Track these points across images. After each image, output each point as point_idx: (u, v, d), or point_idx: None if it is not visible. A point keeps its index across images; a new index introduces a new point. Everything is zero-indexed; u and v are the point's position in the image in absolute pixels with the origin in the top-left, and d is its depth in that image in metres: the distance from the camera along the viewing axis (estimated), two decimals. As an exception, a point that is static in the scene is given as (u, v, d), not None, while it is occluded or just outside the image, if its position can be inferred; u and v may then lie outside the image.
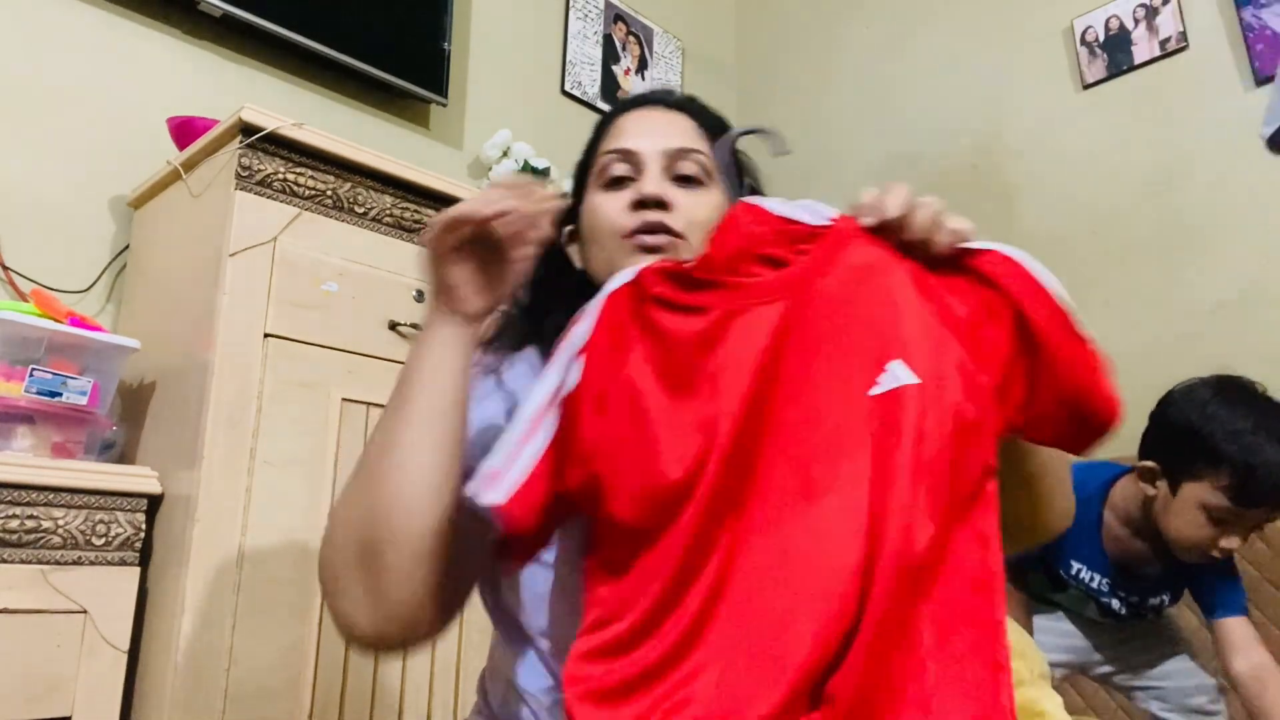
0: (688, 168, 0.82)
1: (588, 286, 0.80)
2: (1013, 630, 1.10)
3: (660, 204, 0.78)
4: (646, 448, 0.59)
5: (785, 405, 0.59)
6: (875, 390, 0.58)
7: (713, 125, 0.87)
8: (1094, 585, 1.44)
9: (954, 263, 0.63)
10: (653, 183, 0.79)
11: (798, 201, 0.68)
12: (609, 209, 0.80)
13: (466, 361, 0.69)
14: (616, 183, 0.81)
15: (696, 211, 0.80)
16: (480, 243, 0.68)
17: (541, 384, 0.64)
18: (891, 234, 0.65)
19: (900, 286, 0.61)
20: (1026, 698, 1.05)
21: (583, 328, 0.65)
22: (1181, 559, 1.35)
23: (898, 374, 0.57)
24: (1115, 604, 1.46)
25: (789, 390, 0.59)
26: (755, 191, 0.91)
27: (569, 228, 0.88)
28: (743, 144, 0.87)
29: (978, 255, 0.63)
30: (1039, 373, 0.60)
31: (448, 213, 0.66)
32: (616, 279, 0.66)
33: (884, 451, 0.55)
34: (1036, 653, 1.15)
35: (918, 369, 0.57)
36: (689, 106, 0.88)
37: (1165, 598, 1.47)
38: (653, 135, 0.83)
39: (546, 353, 0.71)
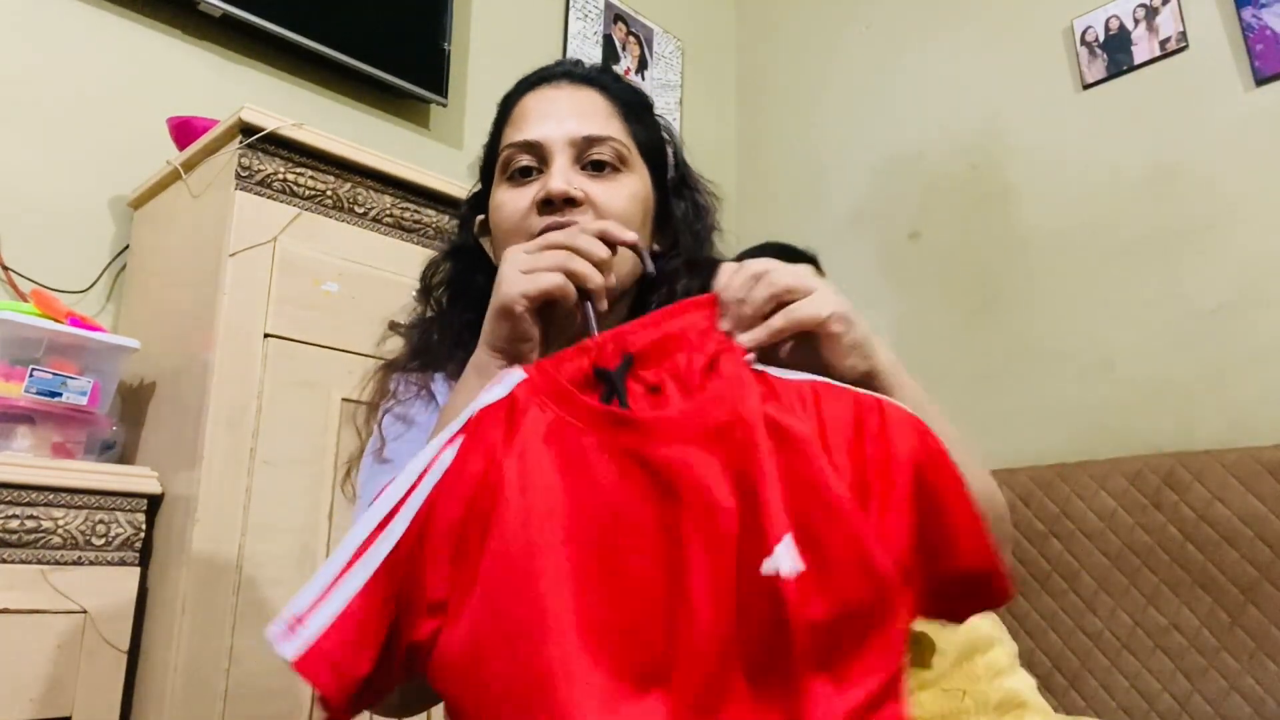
0: (600, 154, 0.75)
1: None
2: (986, 616, 1.10)
3: (569, 201, 0.72)
4: (525, 619, 0.50)
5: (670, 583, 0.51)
6: (765, 569, 0.50)
7: (626, 97, 0.81)
8: None
9: (845, 412, 0.55)
10: (560, 177, 0.73)
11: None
12: (515, 208, 0.74)
13: None
14: (522, 174, 0.75)
15: (611, 204, 0.74)
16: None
17: (378, 502, 0.56)
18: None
19: (790, 446, 0.53)
20: (1008, 688, 1.05)
21: (440, 439, 0.57)
22: None
23: (781, 558, 0.50)
24: None
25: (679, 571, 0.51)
26: (684, 179, 0.85)
27: (480, 217, 0.83)
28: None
29: (869, 408, 0.56)
30: (936, 547, 0.53)
31: (523, 289, 0.62)
32: (491, 393, 0.58)
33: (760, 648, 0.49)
34: (1007, 636, 1.15)
35: (805, 551, 0.50)
36: (598, 79, 0.81)
37: None
38: (559, 119, 0.76)
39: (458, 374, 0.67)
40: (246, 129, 1.28)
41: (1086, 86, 2.11)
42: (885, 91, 2.51)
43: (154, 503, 1.22)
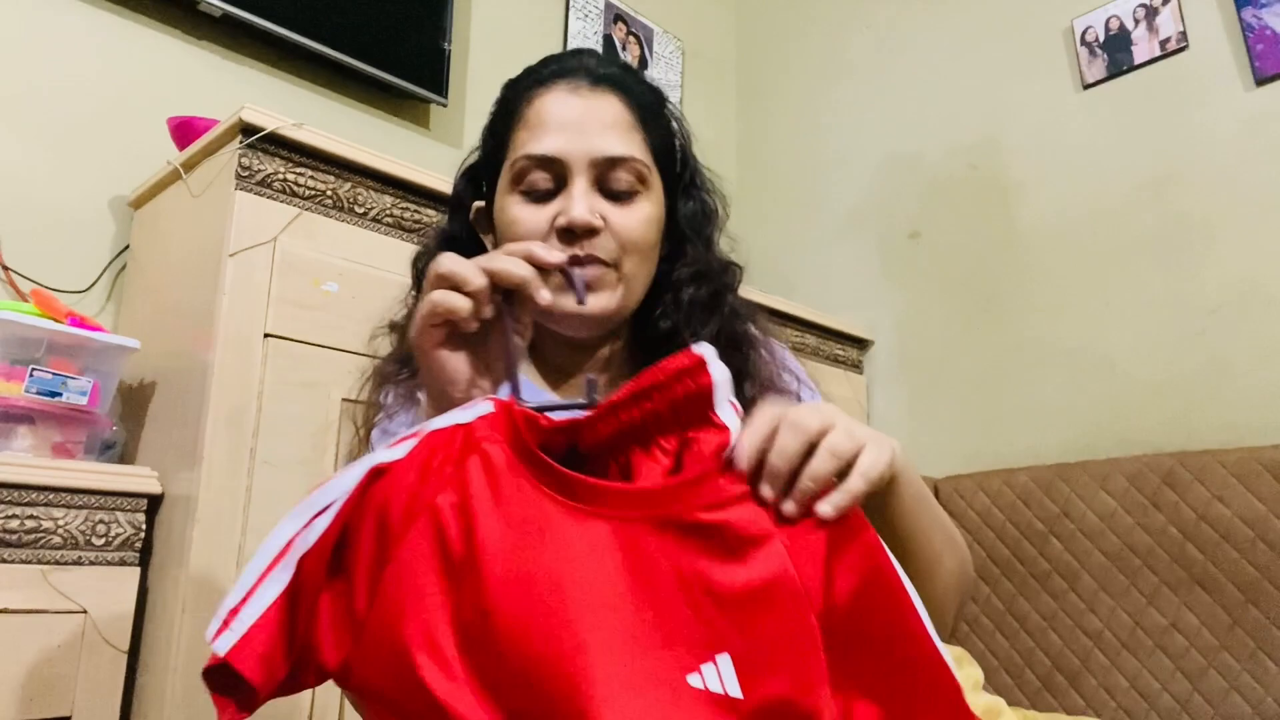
0: (621, 178, 0.73)
1: None
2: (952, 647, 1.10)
3: (590, 230, 0.70)
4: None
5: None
6: (693, 680, 0.47)
7: (645, 100, 0.78)
8: None
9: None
10: (582, 205, 0.70)
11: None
12: (530, 227, 0.71)
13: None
14: (539, 192, 0.72)
15: (630, 231, 0.72)
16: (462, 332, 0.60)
17: (306, 501, 0.54)
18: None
19: (763, 563, 0.49)
20: (985, 702, 1.05)
21: (394, 451, 0.53)
22: None
23: (719, 675, 0.47)
24: None
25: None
26: (692, 179, 0.82)
27: (479, 204, 0.80)
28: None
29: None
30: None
31: (422, 311, 0.59)
32: (450, 416, 0.55)
33: None
34: (973, 663, 1.15)
35: (744, 679, 0.46)
36: (619, 81, 0.77)
37: None
38: (580, 132, 0.72)
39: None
40: (246, 129, 1.28)
41: (1086, 86, 2.11)
42: (885, 91, 2.51)
43: (154, 503, 1.21)
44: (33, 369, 1.17)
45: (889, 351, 2.34)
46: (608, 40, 2.58)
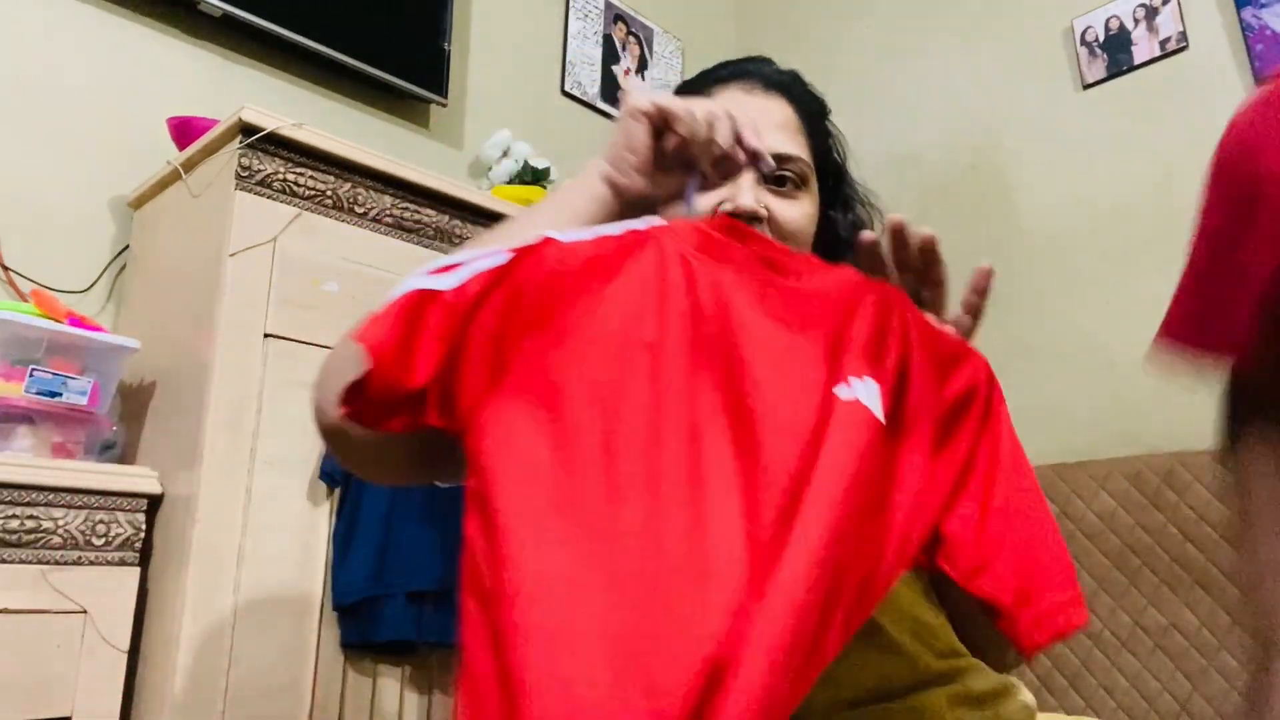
0: (786, 172, 0.76)
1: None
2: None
3: (754, 217, 0.73)
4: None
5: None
6: (840, 391, 0.55)
7: (811, 109, 0.82)
8: None
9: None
10: (750, 194, 0.73)
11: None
12: (695, 204, 0.74)
13: (594, 217, 0.65)
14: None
15: (790, 222, 0.75)
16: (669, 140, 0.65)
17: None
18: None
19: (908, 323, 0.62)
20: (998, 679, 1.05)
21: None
22: None
23: (860, 389, 0.55)
24: None
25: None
26: (849, 192, 0.88)
27: None
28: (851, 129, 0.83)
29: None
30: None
31: (660, 98, 0.65)
32: (626, 224, 0.62)
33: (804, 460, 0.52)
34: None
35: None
36: (790, 88, 0.81)
37: None
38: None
39: None
40: (246, 129, 1.28)
41: (1086, 86, 2.11)
42: (885, 91, 2.51)
43: (154, 503, 1.21)
44: (33, 369, 1.17)
45: (889, 351, 2.33)
46: (608, 40, 2.57)
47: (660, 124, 0.65)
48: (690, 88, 0.83)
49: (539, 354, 0.53)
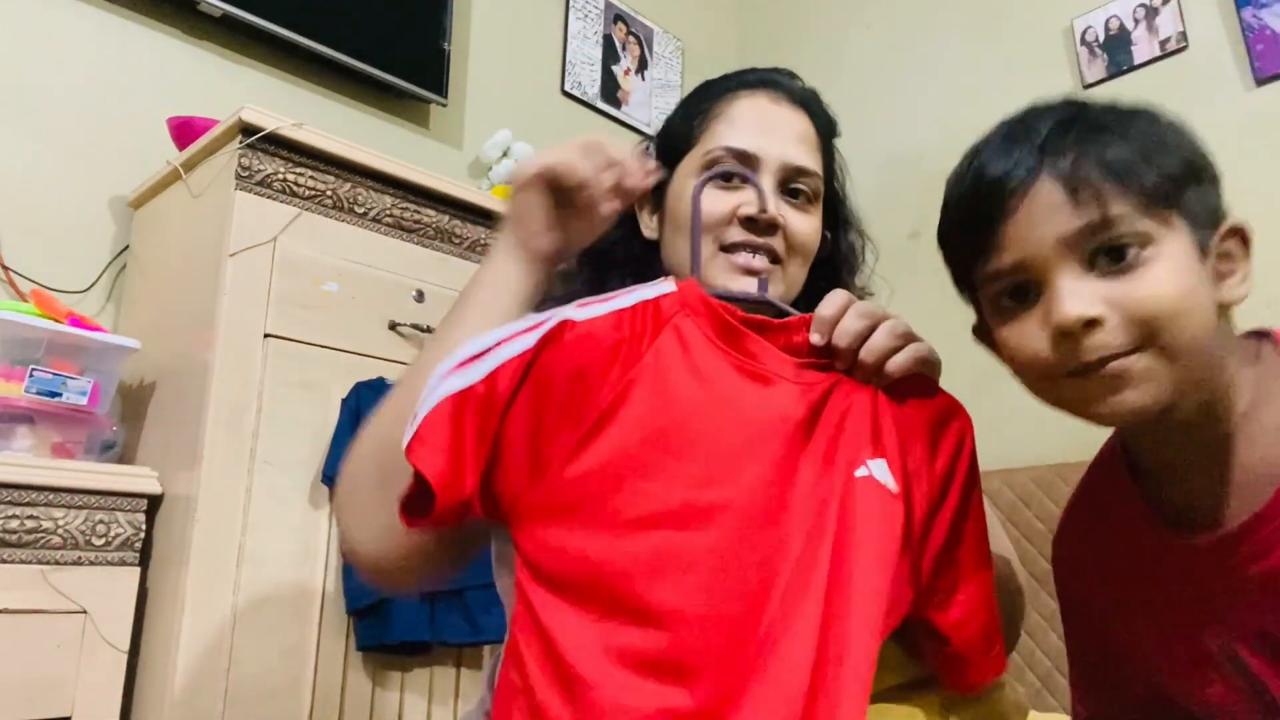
0: (803, 186, 0.78)
1: (654, 258, 0.78)
2: None
3: (772, 224, 0.74)
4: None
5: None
6: (859, 471, 0.59)
7: (827, 129, 0.84)
8: None
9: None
10: (772, 200, 0.75)
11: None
12: (713, 210, 0.75)
13: (520, 298, 0.66)
14: (725, 179, 0.77)
15: (802, 234, 0.77)
16: (559, 192, 0.68)
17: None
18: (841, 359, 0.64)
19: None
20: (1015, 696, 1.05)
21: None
22: None
23: (876, 470, 0.59)
24: None
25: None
26: (848, 215, 0.90)
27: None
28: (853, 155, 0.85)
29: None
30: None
31: (540, 160, 0.67)
32: (635, 294, 0.61)
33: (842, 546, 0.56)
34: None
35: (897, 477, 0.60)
36: (811, 105, 0.83)
37: None
38: (775, 137, 0.77)
39: None
40: (246, 129, 1.28)
41: (1086, 86, 2.11)
42: (885, 91, 2.51)
43: (154, 503, 1.21)
44: (33, 369, 1.17)
45: (889, 351, 2.33)
46: (608, 40, 2.57)
47: (551, 183, 0.67)
48: (714, 89, 0.83)
49: (576, 447, 0.55)
